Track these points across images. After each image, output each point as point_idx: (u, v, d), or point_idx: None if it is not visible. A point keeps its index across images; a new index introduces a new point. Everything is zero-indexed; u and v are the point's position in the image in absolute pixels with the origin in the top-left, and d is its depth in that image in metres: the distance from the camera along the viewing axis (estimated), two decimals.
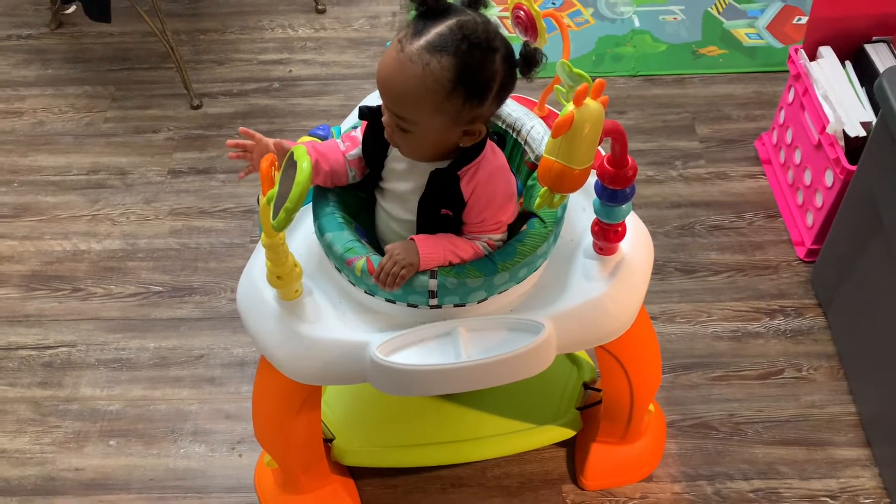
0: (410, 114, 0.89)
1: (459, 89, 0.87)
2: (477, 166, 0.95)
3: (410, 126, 0.91)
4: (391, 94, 0.89)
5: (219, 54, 2.15)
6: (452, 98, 0.88)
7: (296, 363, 0.99)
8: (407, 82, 0.87)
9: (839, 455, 1.40)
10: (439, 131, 0.91)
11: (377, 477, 1.38)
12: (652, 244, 1.08)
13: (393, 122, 0.92)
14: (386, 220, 1.03)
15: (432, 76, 0.86)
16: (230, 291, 1.65)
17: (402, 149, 0.96)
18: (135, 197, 1.84)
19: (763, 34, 2.13)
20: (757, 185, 1.81)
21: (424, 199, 0.97)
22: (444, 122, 0.90)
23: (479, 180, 0.95)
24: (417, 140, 0.92)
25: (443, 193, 0.95)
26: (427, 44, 0.86)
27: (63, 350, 1.58)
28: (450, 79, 0.86)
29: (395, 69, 0.87)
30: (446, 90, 0.87)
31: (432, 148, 0.94)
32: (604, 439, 1.33)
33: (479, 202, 0.96)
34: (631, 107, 1.98)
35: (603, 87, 0.77)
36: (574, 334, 1.00)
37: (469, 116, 0.91)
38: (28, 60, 2.16)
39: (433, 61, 0.86)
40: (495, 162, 0.97)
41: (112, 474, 1.41)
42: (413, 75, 0.86)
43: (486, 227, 0.97)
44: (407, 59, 0.86)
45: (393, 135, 0.94)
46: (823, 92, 1.57)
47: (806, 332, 1.56)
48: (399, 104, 0.89)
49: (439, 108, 0.88)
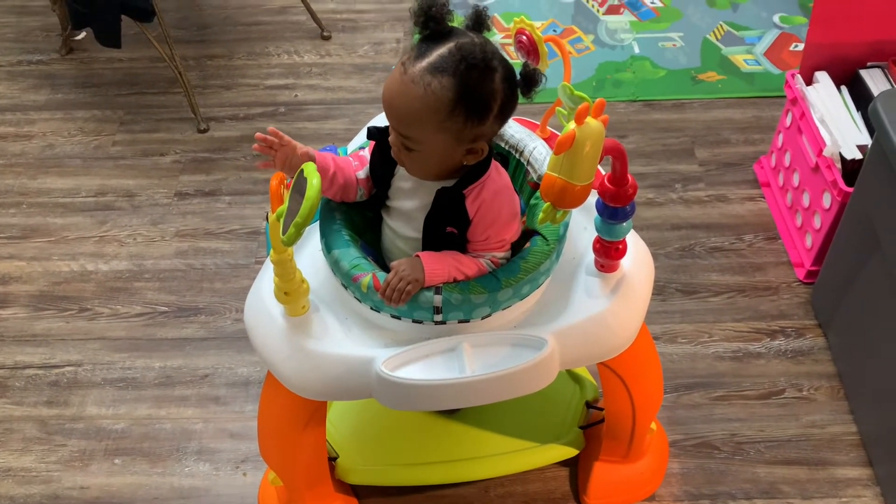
0: (414, 133, 0.92)
1: (460, 108, 0.90)
2: (482, 185, 0.97)
3: (415, 145, 0.93)
4: (396, 114, 0.92)
5: (226, 79, 2.19)
6: (454, 117, 0.90)
7: (302, 378, 1.01)
8: (410, 102, 0.90)
9: (840, 474, 1.40)
10: (443, 150, 0.94)
11: (381, 496, 1.38)
12: (652, 262, 1.10)
13: (398, 141, 0.95)
14: (392, 238, 1.05)
15: (434, 96, 0.89)
16: (235, 312, 1.67)
17: (408, 167, 0.98)
18: (142, 219, 1.86)
19: (761, 60, 2.17)
20: (756, 208, 1.83)
21: (430, 217, 0.99)
22: (446, 140, 0.93)
23: (484, 199, 0.97)
24: (422, 158, 0.95)
25: (448, 211, 0.97)
26: (428, 65, 0.89)
27: (69, 369, 1.59)
28: (451, 98, 0.89)
29: (399, 90, 0.91)
30: (447, 109, 0.90)
31: (437, 166, 0.97)
32: (606, 458, 1.34)
33: (484, 220, 0.98)
34: (631, 131, 2.01)
35: (603, 106, 0.79)
36: (576, 350, 1.02)
37: (471, 135, 0.93)
38: (38, 85, 2.19)
39: (434, 82, 0.89)
40: (500, 181, 1.00)
41: (117, 493, 1.42)
42: (416, 96, 0.89)
43: (490, 245, 0.99)
44: (410, 80, 0.89)
45: (399, 153, 0.96)
46: (820, 116, 1.60)
47: (806, 352, 1.57)
48: (403, 124, 0.92)
49: (441, 126, 0.91)
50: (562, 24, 2.31)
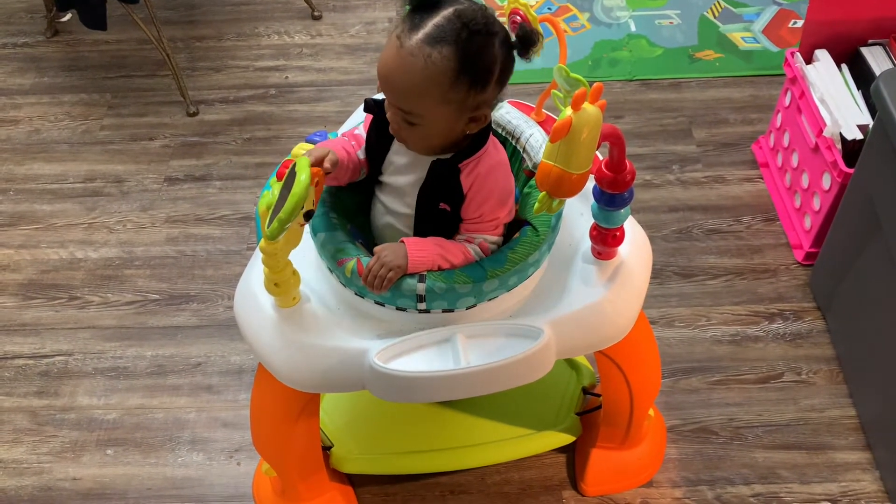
0: (416, 107, 0.89)
1: (463, 77, 0.88)
2: (478, 160, 0.95)
3: (417, 119, 0.91)
4: (395, 89, 0.89)
5: (215, 61, 2.15)
6: (457, 87, 0.88)
7: (294, 371, 0.99)
8: (410, 76, 0.87)
9: (839, 459, 1.39)
10: (446, 121, 0.92)
11: (376, 485, 1.37)
12: (650, 248, 1.08)
13: (399, 116, 0.92)
14: (382, 213, 1.02)
15: (435, 67, 0.86)
16: (227, 299, 1.65)
17: (409, 143, 0.95)
18: (131, 205, 1.83)
19: (759, 38, 2.13)
20: (754, 189, 1.81)
21: (423, 190, 0.97)
22: (450, 111, 0.90)
23: (479, 173, 0.95)
24: (425, 132, 0.92)
25: (442, 185, 0.95)
26: (426, 36, 0.86)
27: (60, 359, 1.57)
28: (453, 68, 0.87)
29: (397, 65, 0.88)
30: (450, 80, 0.87)
31: (440, 139, 0.94)
32: (604, 445, 1.32)
33: (478, 196, 0.95)
34: (628, 111, 1.98)
35: (601, 91, 0.76)
36: (573, 339, 1.00)
37: (474, 103, 0.91)
38: (24, 69, 2.15)
39: (434, 53, 0.86)
40: (496, 157, 0.97)
41: (110, 484, 1.40)
42: (416, 69, 0.86)
43: (483, 225, 0.97)
44: (408, 53, 0.87)
45: (400, 130, 0.93)
46: (820, 95, 1.58)
47: (805, 335, 1.56)
48: (404, 99, 0.90)
49: (445, 98, 0.89)
50: (557, 1, 2.27)
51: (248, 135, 1.97)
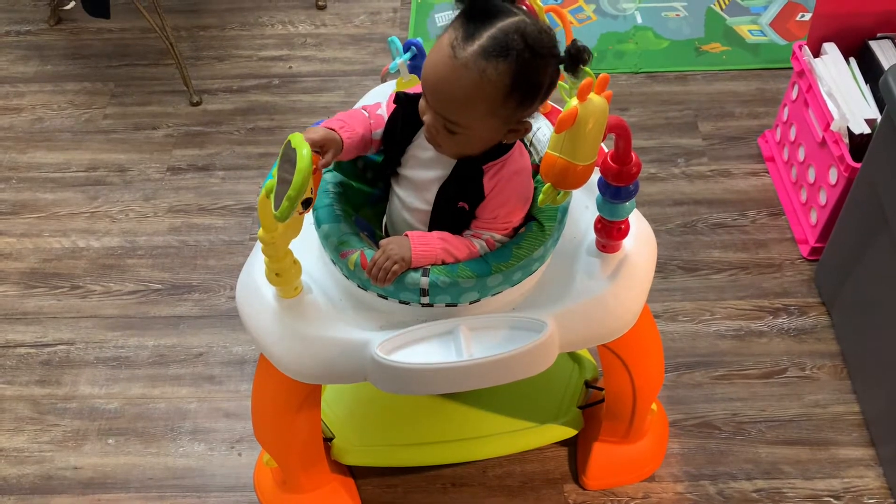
0: (462, 118, 0.88)
1: (515, 94, 0.87)
2: (503, 163, 0.95)
3: (460, 129, 0.90)
4: (443, 98, 0.88)
5: (219, 51, 2.14)
6: (507, 102, 0.87)
7: (295, 361, 0.98)
8: (463, 89, 0.85)
9: (843, 455, 1.39)
10: (489, 132, 0.91)
11: (377, 476, 1.37)
12: (655, 242, 1.07)
13: (440, 123, 0.90)
14: (399, 208, 1.01)
15: (489, 83, 0.85)
16: (229, 289, 1.64)
17: (444, 148, 0.94)
18: (134, 194, 1.83)
19: (766, 31, 2.12)
20: (760, 183, 1.80)
21: (444, 188, 0.96)
22: (495, 124, 0.90)
23: (503, 177, 0.94)
24: (465, 140, 0.91)
25: (465, 185, 0.95)
26: (482, 49, 0.84)
27: (62, 348, 1.57)
28: (507, 84, 0.85)
29: (449, 75, 0.86)
30: (503, 95, 0.86)
31: (478, 146, 0.93)
32: (606, 438, 1.32)
33: (497, 198, 0.95)
34: (633, 104, 1.97)
35: (607, 81, 0.76)
36: (577, 333, 0.99)
37: (519, 116, 0.91)
38: (27, 57, 2.14)
39: (489, 68, 0.84)
40: (521, 162, 0.97)
41: (111, 473, 1.40)
42: (469, 82, 0.85)
43: (495, 225, 0.97)
44: (461, 64, 0.85)
45: (437, 135, 0.92)
46: (827, 89, 1.56)
47: (809, 330, 1.55)
48: (450, 109, 0.88)
49: (493, 112, 0.88)
50: None
51: (251, 125, 1.96)
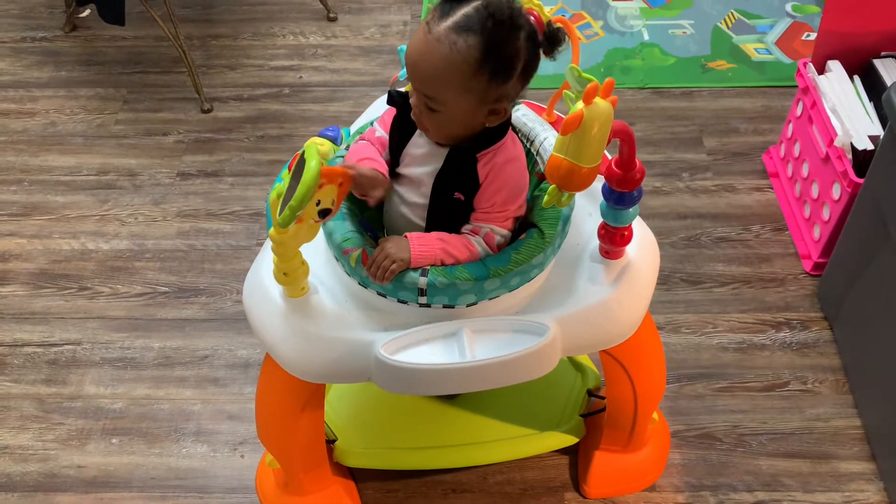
0: (438, 93, 0.91)
1: (485, 67, 0.89)
2: (495, 151, 0.97)
3: (438, 106, 0.92)
4: (420, 74, 0.91)
5: (230, 59, 2.17)
6: (478, 76, 0.90)
7: (300, 360, 1.00)
8: (435, 62, 0.89)
9: (844, 468, 1.39)
10: (466, 110, 0.93)
11: (378, 480, 1.38)
12: (658, 249, 1.08)
13: (421, 102, 0.93)
14: (397, 204, 1.03)
15: (459, 55, 0.88)
16: (236, 293, 1.66)
17: (429, 130, 0.97)
18: (143, 198, 1.85)
19: (772, 49, 2.14)
20: (764, 198, 1.81)
21: (440, 178, 0.98)
22: (470, 100, 0.92)
23: (496, 163, 0.97)
24: (445, 119, 0.94)
25: (459, 173, 0.97)
26: (453, 24, 0.89)
27: (68, 348, 1.58)
28: (476, 57, 0.89)
29: (423, 50, 0.90)
30: (472, 68, 0.89)
31: (459, 128, 0.96)
32: (607, 447, 1.32)
33: (493, 185, 0.97)
34: (639, 118, 1.98)
35: (612, 86, 0.77)
36: (579, 337, 1.00)
37: (495, 95, 0.93)
38: (41, 62, 2.18)
39: (459, 40, 0.88)
40: (514, 150, 0.99)
41: (114, 472, 1.41)
42: (440, 55, 0.89)
43: (493, 215, 0.98)
44: (434, 39, 0.89)
45: (421, 115, 0.95)
46: (832, 105, 1.58)
47: (811, 345, 1.55)
48: (427, 84, 0.91)
49: (466, 86, 0.90)
50: (571, 9, 2.28)
51: (260, 132, 1.99)
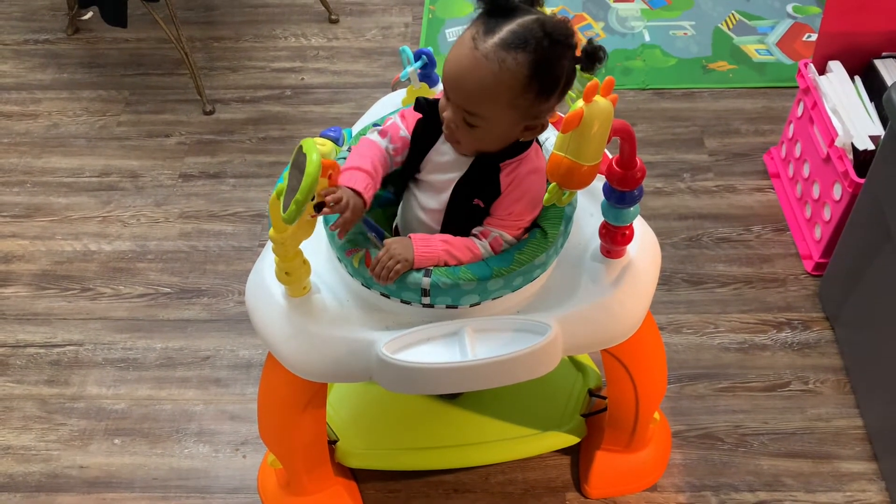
0: (481, 109, 0.91)
1: (533, 85, 0.89)
2: (520, 161, 0.97)
3: (479, 122, 0.92)
4: (463, 90, 0.91)
5: (232, 61, 2.18)
6: (526, 94, 0.90)
7: (302, 360, 1.00)
8: (482, 80, 0.89)
9: (845, 468, 1.39)
10: (506, 126, 0.94)
11: (380, 481, 1.38)
12: (659, 248, 1.08)
13: (459, 117, 0.93)
14: (415, 209, 1.03)
15: (508, 73, 0.88)
16: (238, 294, 1.66)
17: (462, 144, 0.96)
18: (145, 199, 1.85)
19: (773, 50, 2.14)
20: (765, 199, 1.81)
21: (461, 184, 0.98)
22: (513, 117, 0.92)
23: (519, 174, 0.97)
24: (482, 135, 0.94)
25: (481, 181, 0.97)
26: (502, 41, 0.88)
27: (71, 349, 1.58)
28: (525, 75, 0.89)
29: (470, 66, 0.89)
30: (521, 86, 0.89)
31: (495, 143, 0.96)
32: (608, 447, 1.32)
33: (513, 194, 0.97)
34: (640, 119, 1.99)
35: (612, 84, 0.77)
36: (580, 336, 1.00)
37: (536, 111, 0.93)
38: (44, 64, 2.18)
39: (509, 58, 0.88)
40: (537, 163, 0.99)
41: (116, 473, 1.41)
42: (489, 72, 0.88)
43: (507, 222, 0.98)
44: (482, 56, 0.88)
45: (456, 130, 0.94)
46: (832, 106, 1.58)
47: (813, 345, 1.55)
48: (471, 100, 0.91)
49: (511, 103, 0.90)
50: (572, 10, 2.28)
51: (262, 134, 1.99)
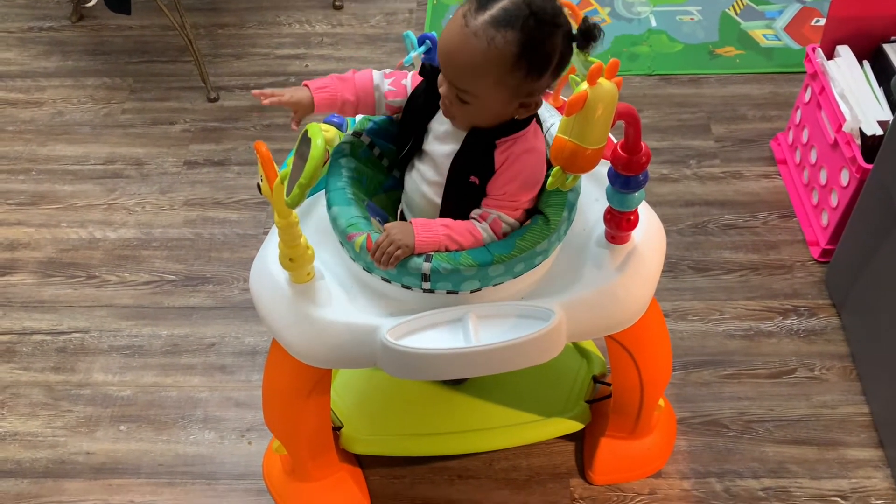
0: (471, 86, 0.91)
1: (522, 63, 0.89)
2: (515, 139, 0.96)
3: (470, 98, 0.92)
4: (454, 66, 0.91)
5: (236, 48, 2.17)
6: (515, 72, 0.89)
7: (306, 346, 1.00)
8: (471, 56, 0.88)
9: (851, 455, 1.38)
10: (498, 103, 0.93)
11: (385, 467, 1.38)
12: (664, 234, 1.08)
13: (452, 93, 0.93)
14: (418, 182, 1.03)
15: (497, 50, 0.88)
16: (243, 281, 1.66)
17: (457, 120, 0.97)
18: (150, 187, 1.85)
19: (780, 35, 2.12)
20: (772, 185, 1.80)
21: (457, 160, 0.98)
22: (504, 95, 0.92)
23: (513, 152, 0.96)
24: (475, 111, 0.94)
25: (476, 158, 0.97)
26: (492, 18, 0.88)
27: (76, 336, 1.59)
28: (514, 53, 0.88)
29: (460, 43, 0.89)
30: (510, 64, 0.89)
31: (489, 119, 0.95)
32: (613, 434, 1.32)
33: (507, 173, 0.96)
34: (646, 105, 1.97)
35: (617, 66, 0.77)
36: (585, 322, 1.00)
37: (528, 90, 0.92)
38: (48, 52, 2.18)
39: (498, 36, 0.87)
40: (534, 143, 0.98)
41: (122, 459, 1.42)
42: (478, 49, 0.88)
43: (503, 203, 0.98)
44: (471, 33, 0.88)
45: (451, 107, 0.95)
46: (840, 90, 1.57)
47: (819, 332, 1.55)
48: (461, 77, 0.91)
49: (501, 81, 0.90)
50: None
51: (267, 121, 1.99)
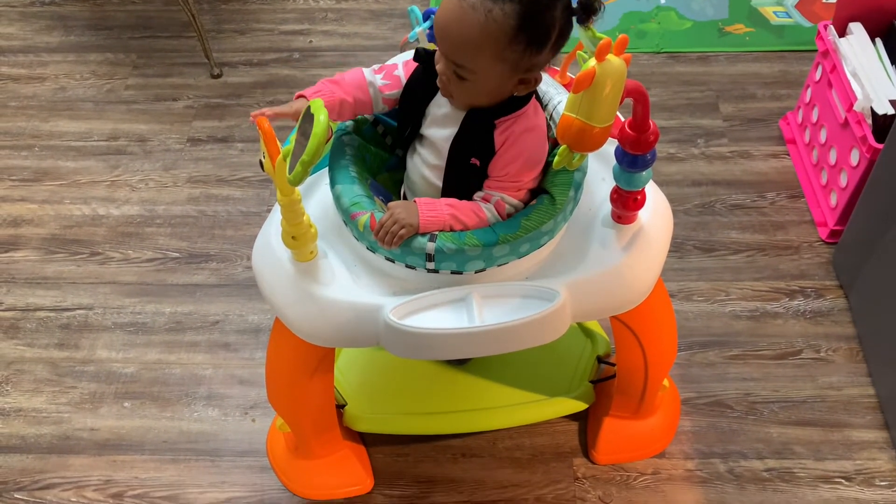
0: (469, 62, 0.89)
1: (521, 37, 0.87)
2: (515, 118, 0.95)
3: (468, 74, 0.90)
4: (451, 41, 0.89)
5: (240, 24, 2.15)
6: (513, 46, 0.87)
7: (309, 325, 0.99)
8: (468, 30, 0.86)
9: (856, 437, 1.38)
10: (497, 79, 0.91)
11: (388, 445, 1.38)
12: (671, 214, 1.06)
13: (450, 69, 0.91)
14: (419, 166, 1.02)
15: (495, 24, 0.86)
16: (246, 259, 1.66)
17: (455, 98, 0.95)
18: (154, 164, 1.84)
19: (792, 13, 2.09)
20: (780, 165, 1.78)
21: (456, 142, 0.96)
22: (503, 70, 0.90)
23: (513, 132, 0.94)
24: (474, 88, 0.92)
25: (476, 139, 0.95)
26: None
27: (80, 313, 1.59)
28: (512, 26, 0.86)
29: (457, 16, 0.87)
30: (508, 38, 0.87)
31: (488, 96, 0.94)
32: (617, 414, 1.32)
33: (508, 153, 0.95)
34: (654, 84, 1.95)
35: (626, 42, 0.75)
36: (590, 303, 0.99)
37: (527, 64, 0.90)
38: (51, 27, 2.16)
39: (496, 9, 0.85)
40: (535, 121, 0.97)
41: (126, 435, 1.42)
42: (475, 23, 0.86)
43: (505, 184, 0.96)
44: (469, 6, 0.86)
45: (449, 84, 0.93)
46: (852, 69, 1.54)
47: (826, 313, 1.54)
48: (458, 52, 0.89)
49: (499, 55, 0.88)
50: None
51: (270, 98, 1.97)
